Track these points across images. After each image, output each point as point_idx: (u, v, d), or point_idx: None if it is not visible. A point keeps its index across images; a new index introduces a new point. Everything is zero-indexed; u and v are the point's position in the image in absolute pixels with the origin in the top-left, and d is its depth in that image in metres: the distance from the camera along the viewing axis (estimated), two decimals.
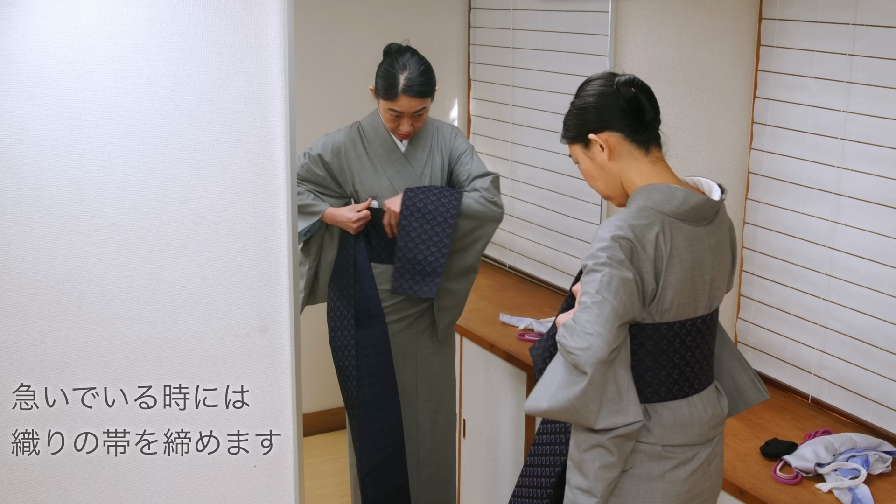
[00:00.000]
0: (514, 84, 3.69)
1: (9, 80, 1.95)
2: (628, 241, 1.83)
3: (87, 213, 2.07)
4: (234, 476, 2.31)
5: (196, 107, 2.12)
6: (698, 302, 1.94)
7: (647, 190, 1.91)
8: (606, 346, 1.79)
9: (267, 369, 2.29)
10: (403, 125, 2.77)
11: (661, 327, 1.91)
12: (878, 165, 2.60)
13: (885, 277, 2.60)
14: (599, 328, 1.79)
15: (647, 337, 1.92)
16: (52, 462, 2.14)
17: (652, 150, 1.95)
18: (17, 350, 2.06)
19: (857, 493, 2.31)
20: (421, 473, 2.99)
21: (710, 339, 2.01)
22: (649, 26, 2.95)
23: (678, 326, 1.92)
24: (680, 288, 1.89)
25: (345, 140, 2.83)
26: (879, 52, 2.57)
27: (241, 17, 2.11)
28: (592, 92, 1.96)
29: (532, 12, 3.56)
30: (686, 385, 1.97)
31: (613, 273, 1.81)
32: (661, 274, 1.86)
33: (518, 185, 3.62)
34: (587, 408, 1.83)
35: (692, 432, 1.96)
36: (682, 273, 1.88)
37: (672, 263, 1.87)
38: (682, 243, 1.88)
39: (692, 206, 1.89)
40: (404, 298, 2.88)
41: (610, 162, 1.95)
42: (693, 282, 1.90)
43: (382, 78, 2.75)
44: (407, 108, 2.73)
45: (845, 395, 2.76)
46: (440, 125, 2.95)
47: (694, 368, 1.97)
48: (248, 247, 2.22)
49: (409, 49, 2.78)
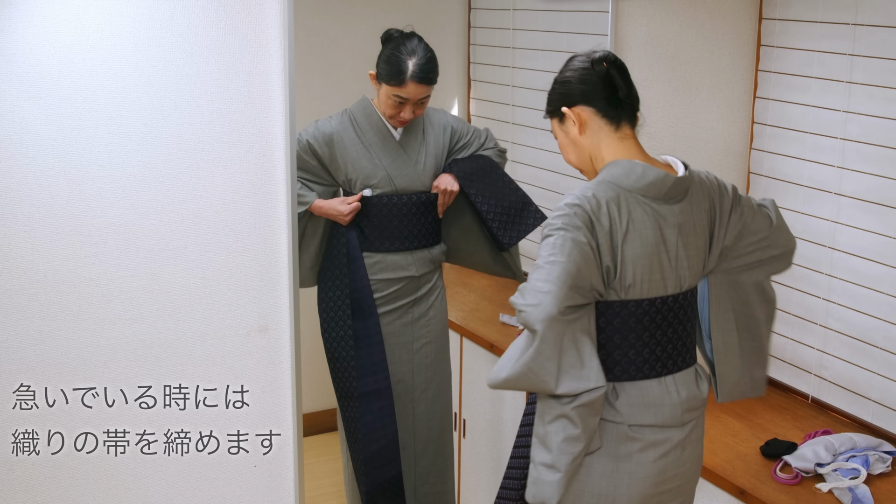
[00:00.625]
0: (514, 84, 3.69)
1: (9, 80, 1.96)
2: (583, 210, 1.86)
3: (87, 213, 2.07)
4: (234, 476, 2.31)
5: (196, 107, 2.12)
6: (666, 280, 1.94)
7: (610, 165, 1.93)
8: (556, 303, 1.80)
9: (267, 369, 2.29)
10: (406, 112, 2.74)
11: (628, 304, 1.92)
12: (878, 165, 2.60)
13: (885, 277, 2.60)
14: (549, 286, 1.81)
15: (614, 314, 1.92)
16: (52, 462, 2.14)
17: (622, 126, 1.96)
18: (17, 350, 2.06)
19: (857, 493, 2.31)
20: (418, 464, 2.98)
21: (684, 319, 2.00)
22: (649, 26, 2.95)
23: (647, 304, 1.93)
24: (642, 263, 1.89)
25: (337, 128, 2.79)
26: (879, 52, 2.57)
27: (241, 17, 2.11)
28: (571, 68, 1.99)
29: (532, 12, 3.56)
30: (658, 365, 1.96)
31: (566, 235, 1.84)
32: (619, 247, 1.87)
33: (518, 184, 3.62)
34: (543, 369, 1.82)
35: (662, 413, 1.95)
36: (642, 248, 1.89)
37: (631, 238, 1.88)
38: (642, 218, 1.89)
39: (650, 181, 1.90)
40: (398, 288, 2.86)
41: (581, 136, 1.98)
42: (659, 258, 1.91)
43: (388, 63, 2.70)
44: (413, 95, 2.70)
45: (845, 395, 2.76)
46: (430, 111, 2.92)
47: (666, 348, 1.97)
48: (248, 247, 2.22)
49: (416, 35, 2.76)
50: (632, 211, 1.89)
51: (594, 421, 1.89)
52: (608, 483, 1.93)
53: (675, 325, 1.98)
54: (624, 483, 1.93)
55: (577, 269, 1.83)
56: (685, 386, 2.00)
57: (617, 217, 1.88)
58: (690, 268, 1.97)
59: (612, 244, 1.88)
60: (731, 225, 2.03)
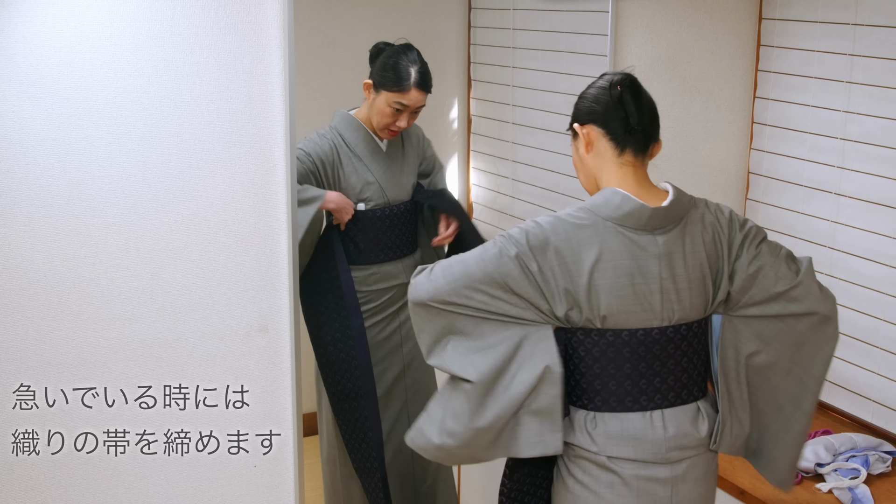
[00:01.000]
0: (514, 84, 3.69)
1: (9, 80, 1.95)
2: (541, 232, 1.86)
3: (87, 213, 2.07)
4: (234, 476, 2.31)
5: (196, 107, 2.12)
6: (650, 312, 1.88)
7: (598, 193, 1.92)
8: (430, 290, 1.88)
9: (267, 369, 2.29)
10: (402, 120, 2.75)
11: (605, 334, 1.88)
12: (878, 165, 2.60)
13: (885, 277, 2.60)
14: (439, 274, 1.89)
15: (593, 343, 1.90)
16: (52, 462, 2.13)
17: (626, 152, 1.92)
18: (17, 350, 2.06)
19: (857, 493, 2.31)
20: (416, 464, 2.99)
21: (678, 354, 1.92)
22: (649, 26, 2.95)
23: (626, 335, 1.88)
24: (616, 293, 1.85)
25: (329, 144, 2.79)
26: (879, 52, 2.57)
27: (241, 17, 2.11)
28: (593, 85, 1.98)
29: (532, 12, 3.56)
30: (642, 398, 1.90)
31: (499, 245, 1.87)
32: (585, 275, 1.84)
33: (518, 185, 3.62)
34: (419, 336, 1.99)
35: (643, 448, 1.89)
36: (615, 279, 1.85)
37: (602, 267, 1.85)
38: (618, 248, 1.86)
39: (626, 211, 1.86)
40: (390, 297, 2.90)
41: (587, 155, 1.96)
42: (634, 289, 1.86)
43: (391, 70, 2.71)
44: (414, 102, 2.72)
45: (845, 395, 2.76)
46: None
47: (653, 381, 1.91)
48: (248, 247, 2.22)
49: (412, 46, 2.79)
50: (606, 240, 1.86)
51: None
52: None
53: (663, 358, 1.91)
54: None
55: (482, 275, 1.86)
56: (675, 422, 1.92)
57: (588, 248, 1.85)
58: (680, 301, 1.89)
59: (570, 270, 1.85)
60: (741, 263, 1.93)
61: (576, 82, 3.33)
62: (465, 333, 1.91)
